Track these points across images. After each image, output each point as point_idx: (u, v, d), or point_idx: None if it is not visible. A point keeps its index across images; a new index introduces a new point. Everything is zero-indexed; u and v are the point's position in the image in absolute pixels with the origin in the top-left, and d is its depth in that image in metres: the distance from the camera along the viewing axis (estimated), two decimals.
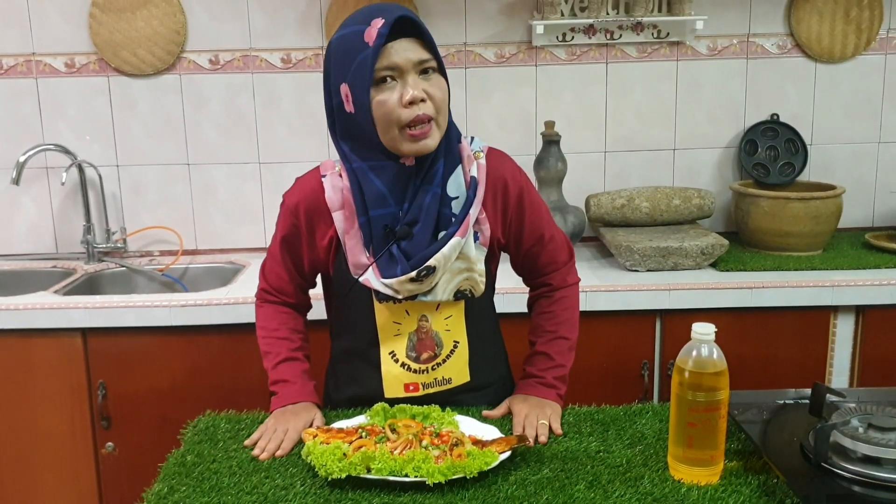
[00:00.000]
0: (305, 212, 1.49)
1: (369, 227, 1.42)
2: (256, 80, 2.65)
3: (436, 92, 1.36)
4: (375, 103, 1.34)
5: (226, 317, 2.20)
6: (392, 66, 1.33)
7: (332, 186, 1.45)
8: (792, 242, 2.48)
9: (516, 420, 1.47)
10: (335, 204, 1.45)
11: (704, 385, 1.22)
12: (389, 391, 1.51)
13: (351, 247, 1.45)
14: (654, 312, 2.25)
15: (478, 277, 1.47)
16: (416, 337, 1.50)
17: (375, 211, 1.41)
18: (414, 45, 1.34)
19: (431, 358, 1.51)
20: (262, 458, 1.37)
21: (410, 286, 1.42)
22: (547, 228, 1.58)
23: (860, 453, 1.22)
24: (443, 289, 1.45)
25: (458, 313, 1.51)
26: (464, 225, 1.42)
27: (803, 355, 2.29)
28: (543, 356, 1.59)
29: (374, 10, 1.35)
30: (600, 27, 2.63)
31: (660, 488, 1.24)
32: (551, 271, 1.62)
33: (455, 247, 1.42)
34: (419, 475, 1.25)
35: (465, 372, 1.54)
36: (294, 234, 1.52)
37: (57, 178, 2.65)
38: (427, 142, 1.37)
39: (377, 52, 1.32)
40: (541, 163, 2.48)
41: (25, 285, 2.52)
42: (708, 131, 2.74)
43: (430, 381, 1.52)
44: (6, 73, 2.62)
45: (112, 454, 2.27)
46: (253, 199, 2.72)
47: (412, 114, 1.34)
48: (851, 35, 2.68)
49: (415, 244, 1.41)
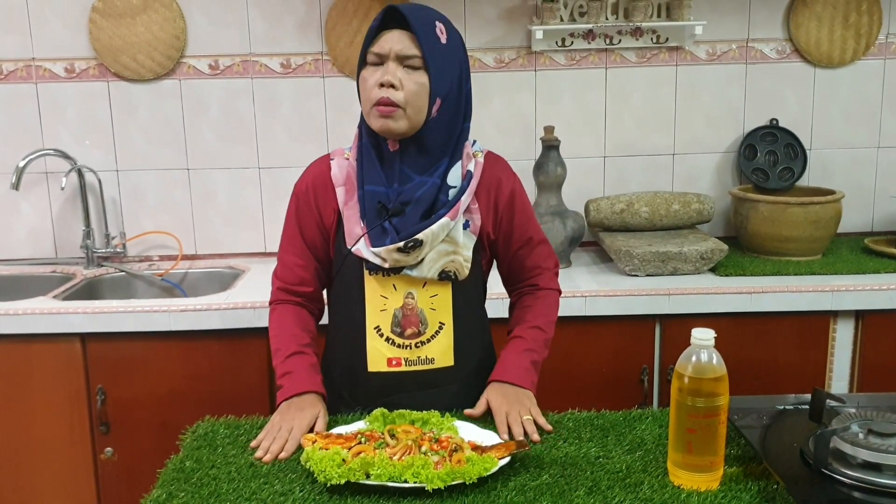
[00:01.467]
0: (314, 189, 1.60)
1: (364, 201, 1.53)
2: (256, 85, 2.65)
3: (410, 84, 1.47)
4: (361, 79, 1.51)
5: (225, 322, 2.20)
6: (378, 52, 1.48)
7: (338, 166, 1.59)
8: (791, 247, 2.48)
9: (499, 419, 1.48)
10: (339, 180, 1.57)
11: (704, 391, 1.22)
12: (373, 365, 1.57)
13: (348, 216, 1.55)
14: (653, 317, 2.25)
15: (463, 262, 1.55)
16: (402, 313, 1.56)
17: (370, 186, 1.53)
18: (403, 38, 1.47)
19: (416, 335, 1.57)
20: (265, 461, 1.38)
21: (397, 255, 1.50)
22: (535, 233, 1.66)
23: (860, 459, 1.22)
24: (429, 266, 1.53)
25: (444, 294, 1.57)
26: (454, 209, 1.52)
27: (803, 360, 2.29)
28: (521, 340, 1.62)
29: (394, 6, 1.49)
30: (599, 32, 2.64)
31: (659, 494, 1.24)
32: (537, 274, 1.68)
33: (443, 226, 1.51)
34: (418, 481, 1.24)
35: (450, 355, 1.59)
36: (306, 211, 1.60)
37: (57, 183, 2.65)
38: (390, 122, 1.48)
39: (371, 36, 1.48)
40: (540, 168, 2.48)
41: (25, 290, 2.52)
42: (707, 136, 2.74)
43: (414, 358, 1.57)
44: (6, 78, 2.62)
45: (111, 459, 2.27)
46: (252, 204, 2.72)
47: (379, 94, 1.46)
48: (850, 40, 2.69)
49: (406, 221, 1.50)
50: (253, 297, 2.24)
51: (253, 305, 2.20)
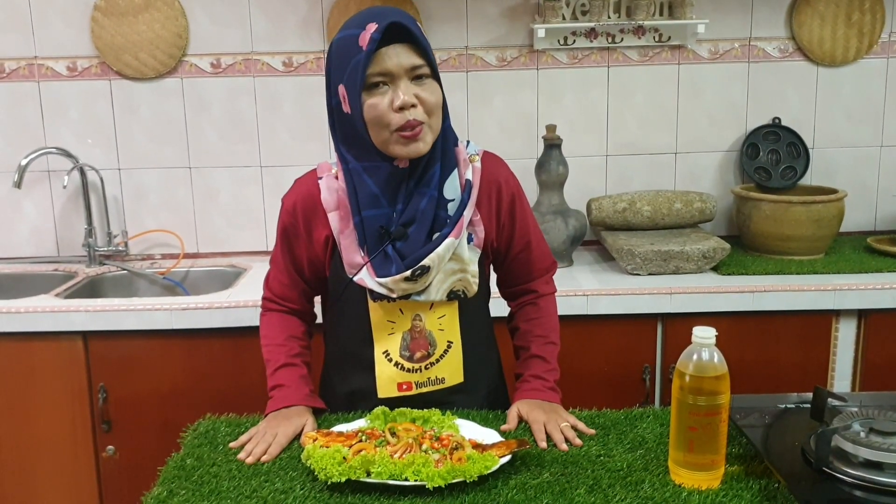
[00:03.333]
0: (303, 211, 1.51)
1: (363, 227, 1.44)
2: (258, 84, 2.65)
3: (427, 96, 1.38)
4: (367, 107, 1.36)
5: (227, 320, 2.21)
6: (384, 71, 1.35)
7: (327, 188, 1.48)
8: (793, 246, 2.48)
9: (536, 427, 1.44)
10: (330, 205, 1.48)
11: (705, 389, 1.22)
12: (383, 391, 1.52)
13: (346, 246, 1.47)
14: (655, 316, 2.25)
15: (471, 278, 1.49)
16: (410, 336, 1.51)
17: (368, 211, 1.43)
18: (407, 50, 1.36)
19: (425, 357, 1.52)
20: (247, 462, 1.36)
21: (405, 285, 1.44)
22: (533, 235, 1.61)
23: (862, 458, 1.22)
24: (436, 289, 1.47)
25: (451, 313, 1.52)
26: (458, 226, 1.45)
27: (805, 359, 2.28)
28: (540, 360, 1.59)
29: (371, 14, 1.37)
30: (602, 31, 2.63)
31: (660, 493, 1.24)
32: (535, 278, 1.64)
33: (449, 247, 1.44)
34: (419, 479, 1.24)
35: (459, 372, 1.55)
36: (293, 233, 1.54)
37: (59, 182, 2.65)
38: (418, 144, 1.38)
39: (369, 57, 1.33)
40: (542, 166, 2.48)
41: (27, 288, 2.52)
42: (709, 135, 2.74)
43: (424, 380, 1.53)
44: (8, 76, 2.63)
45: (113, 457, 2.27)
46: (254, 203, 2.72)
47: (402, 119, 1.36)
48: (853, 39, 2.68)
49: (409, 245, 1.43)
50: (255, 295, 2.24)
51: (255, 304, 2.20)
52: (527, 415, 1.48)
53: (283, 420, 1.46)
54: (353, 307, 1.51)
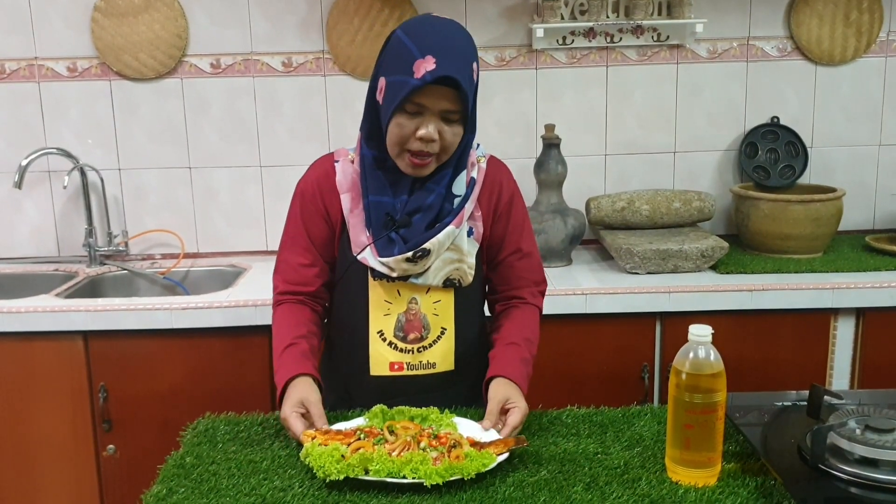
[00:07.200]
0: (320, 188, 1.59)
1: (370, 211, 1.53)
2: (258, 84, 2.66)
3: (449, 137, 1.47)
4: (394, 124, 1.45)
5: (226, 320, 2.21)
6: (422, 105, 1.43)
7: (342, 171, 1.58)
8: (792, 245, 2.48)
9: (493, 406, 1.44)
10: (343, 187, 1.57)
11: (701, 387, 1.22)
12: (375, 368, 1.59)
13: (353, 225, 1.55)
14: (654, 315, 2.26)
15: (467, 269, 1.57)
16: (405, 318, 1.58)
17: (375, 197, 1.53)
18: (449, 96, 1.42)
19: (418, 339, 1.58)
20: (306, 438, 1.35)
21: (405, 265, 1.51)
22: (527, 244, 1.64)
23: (857, 455, 1.22)
24: (434, 274, 1.54)
25: (447, 300, 1.58)
26: (459, 216, 1.53)
27: (804, 358, 2.29)
28: (517, 347, 1.58)
29: (437, 40, 1.41)
30: (600, 30, 2.64)
31: (657, 490, 1.25)
32: (524, 286, 1.65)
33: (449, 234, 1.52)
34: (417, 477, 1.25)
35: (450, 359, 1.60)
36: (312, 210, 1.59)
37: (59, 182, 2.66)
38: (422, 170, 1.49)
39: (414, 90, 1.40)
40: (541, 166, 2.48)
41: (27, 288, 2.53)
42: (708, 134, 2.74)
43: (416, 362, 1.59)
44: (9, 77, 2.63)
45: (113, 456, 2.28)
46: (254, 203, 2.72)
47: (420, 147, 1.46)
48: (851, 38, 2.68)
49: (412, 231, 1.51)
50: (254, 295, 2.25)
51: (254, 303, 2.20)
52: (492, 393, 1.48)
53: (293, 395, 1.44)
54: (354, 285, 1.58)
